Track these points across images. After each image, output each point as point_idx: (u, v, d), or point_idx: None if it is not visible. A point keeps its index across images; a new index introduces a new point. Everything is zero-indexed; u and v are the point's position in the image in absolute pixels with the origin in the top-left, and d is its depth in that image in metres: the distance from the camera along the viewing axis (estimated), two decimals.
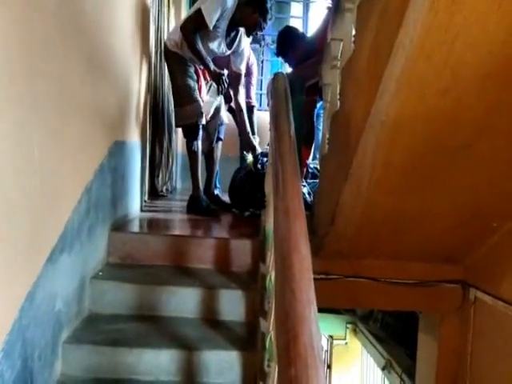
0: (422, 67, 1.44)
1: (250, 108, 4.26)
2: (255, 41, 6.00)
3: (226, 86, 3.32)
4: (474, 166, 1.86)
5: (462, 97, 1.55)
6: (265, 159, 3.49)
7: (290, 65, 3.66)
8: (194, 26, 3.12)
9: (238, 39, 3.42)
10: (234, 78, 3.64)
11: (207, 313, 2.12)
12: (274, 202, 1.39)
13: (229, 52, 3.42)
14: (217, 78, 3.27)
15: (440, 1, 1.25)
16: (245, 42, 3.54)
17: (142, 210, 3.28)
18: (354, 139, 1.88)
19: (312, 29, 5.79)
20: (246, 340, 1.94)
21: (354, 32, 2.15)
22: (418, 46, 1.36)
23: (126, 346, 1.85)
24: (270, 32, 6.45)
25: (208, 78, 3.41)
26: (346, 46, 2.24)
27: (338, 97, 2.43)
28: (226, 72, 3.33)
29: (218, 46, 3.31)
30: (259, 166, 3.47)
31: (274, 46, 4.08)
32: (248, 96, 4.26)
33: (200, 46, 3.15)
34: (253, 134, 3.97)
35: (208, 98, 3.39)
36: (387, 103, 1.59)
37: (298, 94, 3.01)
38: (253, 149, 3.72)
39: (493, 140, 1.73)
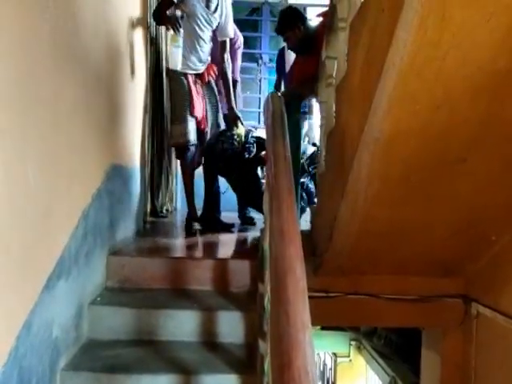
0: (414, 84, 1.45)
1: (233, 83, 4.09)
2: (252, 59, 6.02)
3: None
4: (469, 178, 1.86)
5: (455, 111, 1.55)
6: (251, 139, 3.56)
7: (287, 45, 3.63)
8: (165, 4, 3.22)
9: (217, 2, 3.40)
10: (220, 46, 3.61)
11: (206, 335, 2.10)
12: (269, 224, 1.38)
13: (216, 14, 3.39)
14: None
15: (429, 19, 1.26)
16: (228, 9, 3.52)
17: (140, 233, 3.26)
18: (349, 156, 1.88)
19: None
20: (245, 363, 1.92)
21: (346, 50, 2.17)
22: (408, 63, 1.37)
23: (123, 372, 1.83)
24: (266, 51, 6.50)
25: (200, 91, 3.45)
26: (340, 64, 2.26)
27: (334, 114, 2.44)
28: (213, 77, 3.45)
29: (202, 10, 3.29)
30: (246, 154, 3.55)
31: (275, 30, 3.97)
32: (232, 71, 4.06)
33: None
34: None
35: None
36: (380, 120, 1.59)
37: (294, 114, 3.01)
38: (236, 119, 3.65)
39: (487, 152, 1.73)
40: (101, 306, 2.16)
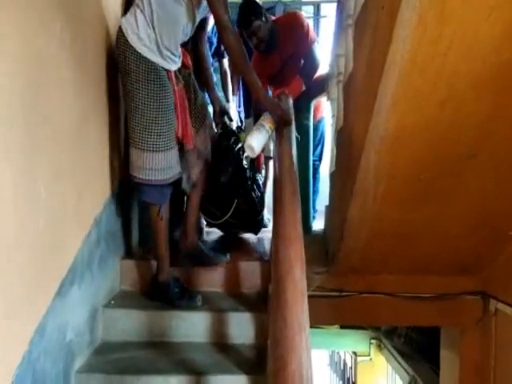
0: (417, 81, 1.44)
1: None
2: None
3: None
4: (480, 173, 1.84)
5: (461, 106, 1.54)
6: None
7: (255, 39, 3.06)
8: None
9: None
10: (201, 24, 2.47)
11: (217, 337, 2.11)
12: (273, 226, 1.39)
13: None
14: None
15: (428, 16, 1.25)
16: None
17: None
18: (357, 155, 1.87)
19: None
20: (256, 363, 1.92)
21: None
22: (409, 60, 1.36)
23: (136, 374, 1.85)
24: None
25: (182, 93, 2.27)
26: (348, 62, 2.25)
27: (343, 112, 2.43)
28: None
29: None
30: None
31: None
32: None
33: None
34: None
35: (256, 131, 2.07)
36: (385, 118, 1.59)
37: (304, 119, 2.95)
38: (222, 112, 2.68)
39: (497, 147, 1.71)
40: (115, 308, 2.19)
